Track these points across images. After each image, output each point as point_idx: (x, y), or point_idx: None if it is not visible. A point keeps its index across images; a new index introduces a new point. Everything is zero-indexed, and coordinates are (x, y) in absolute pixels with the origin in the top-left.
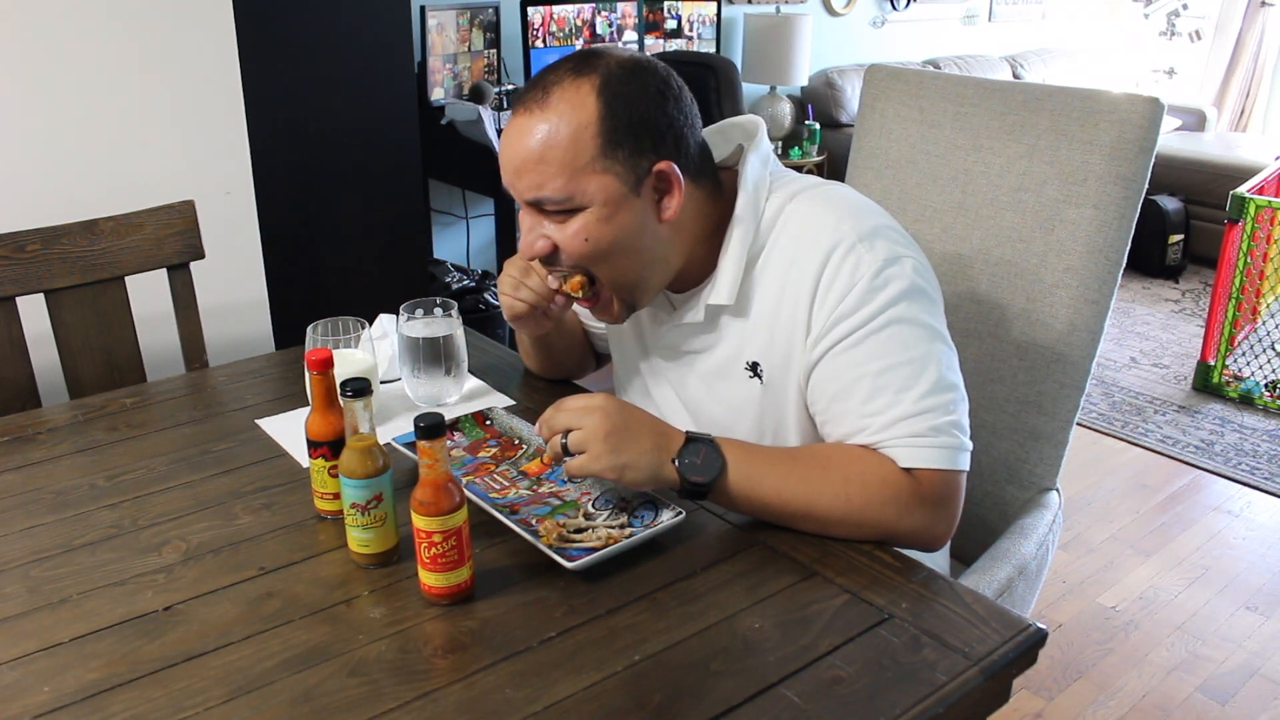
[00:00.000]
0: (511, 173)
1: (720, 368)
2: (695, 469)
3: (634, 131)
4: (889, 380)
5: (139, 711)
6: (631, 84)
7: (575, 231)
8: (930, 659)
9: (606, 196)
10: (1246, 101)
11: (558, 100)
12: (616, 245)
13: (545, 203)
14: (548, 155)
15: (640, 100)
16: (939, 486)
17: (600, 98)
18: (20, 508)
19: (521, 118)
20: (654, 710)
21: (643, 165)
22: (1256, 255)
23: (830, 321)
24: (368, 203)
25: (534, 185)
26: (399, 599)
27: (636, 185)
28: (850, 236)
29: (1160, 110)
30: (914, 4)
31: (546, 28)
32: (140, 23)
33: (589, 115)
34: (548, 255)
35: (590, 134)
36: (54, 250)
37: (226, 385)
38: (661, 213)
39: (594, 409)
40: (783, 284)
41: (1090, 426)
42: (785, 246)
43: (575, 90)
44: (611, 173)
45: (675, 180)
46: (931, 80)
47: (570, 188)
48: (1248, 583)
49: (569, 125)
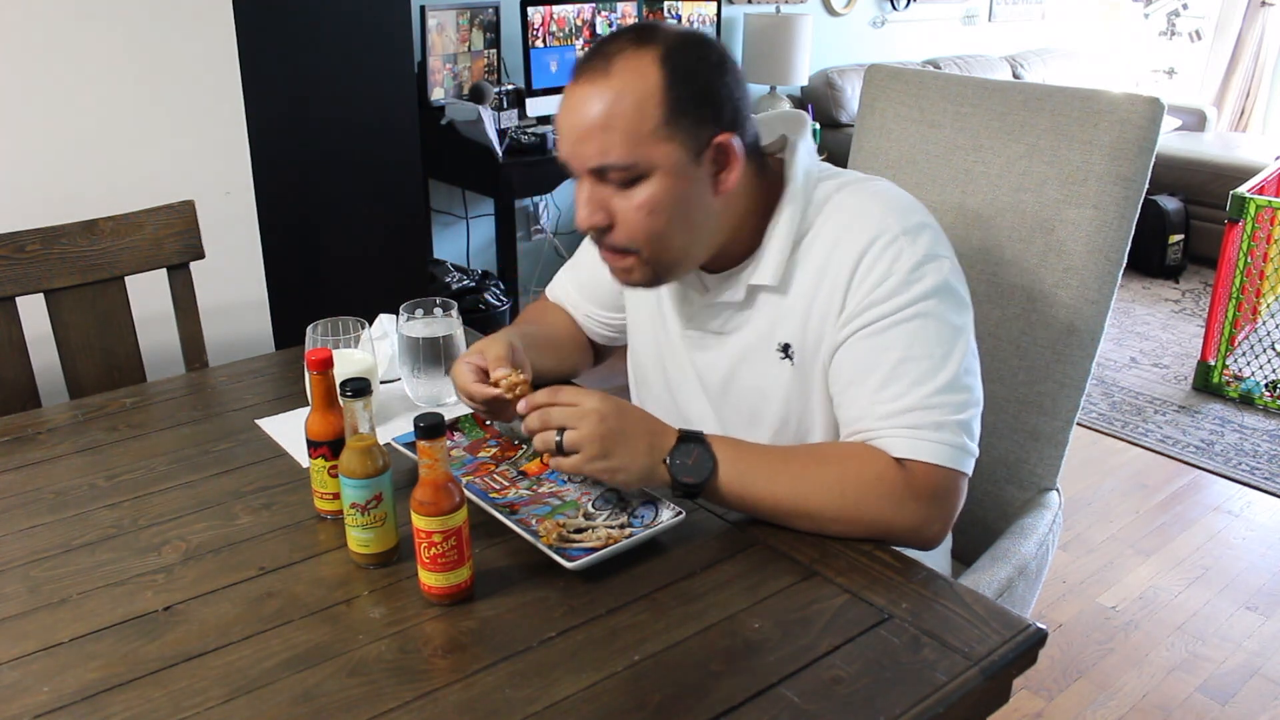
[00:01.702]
0: (573, 141)
1: (752, 349)
2: (686, 470)
3: (696, 102)
4: (905, 370)
5: (139, 711)
6: (692, 55)
7: (640, 203)
8: (930, 659)
9: (670, 165)
10: (1246, 101)
11: (620, 69)
12: (674, 216)
13: (609, 170)
14: (612, 122)
15: (702, 71)
16: (934, 482)
17: (663, 67)
18: (20, 508)
19: (583, 86)
20: (654, 710)
21: (703, 136)
22: (1256, 255)
23: (862, 305)
24: (368, 203)
25: (598, 152)
26: (399, 599)
27: (697, 156)
28: (894, 228)
29: (1160, 110)
30: (914, 4)
31: (546, 28)
32: (140, 23)
33: (653, 84)
34: (603, 229)
35: (654, 102)
36: (54, 250)
37: (226, 385)
38: (718, 185)
39: (589, 412)
40: (823, 268)
41: (1090, 426)
42: (830, 233)
43: (638, 59)
44: (675, 141)
45: (734, 154)
46: (931, 80)
47: (635, 155)
48: (1248, 583)
49: (633, 93)
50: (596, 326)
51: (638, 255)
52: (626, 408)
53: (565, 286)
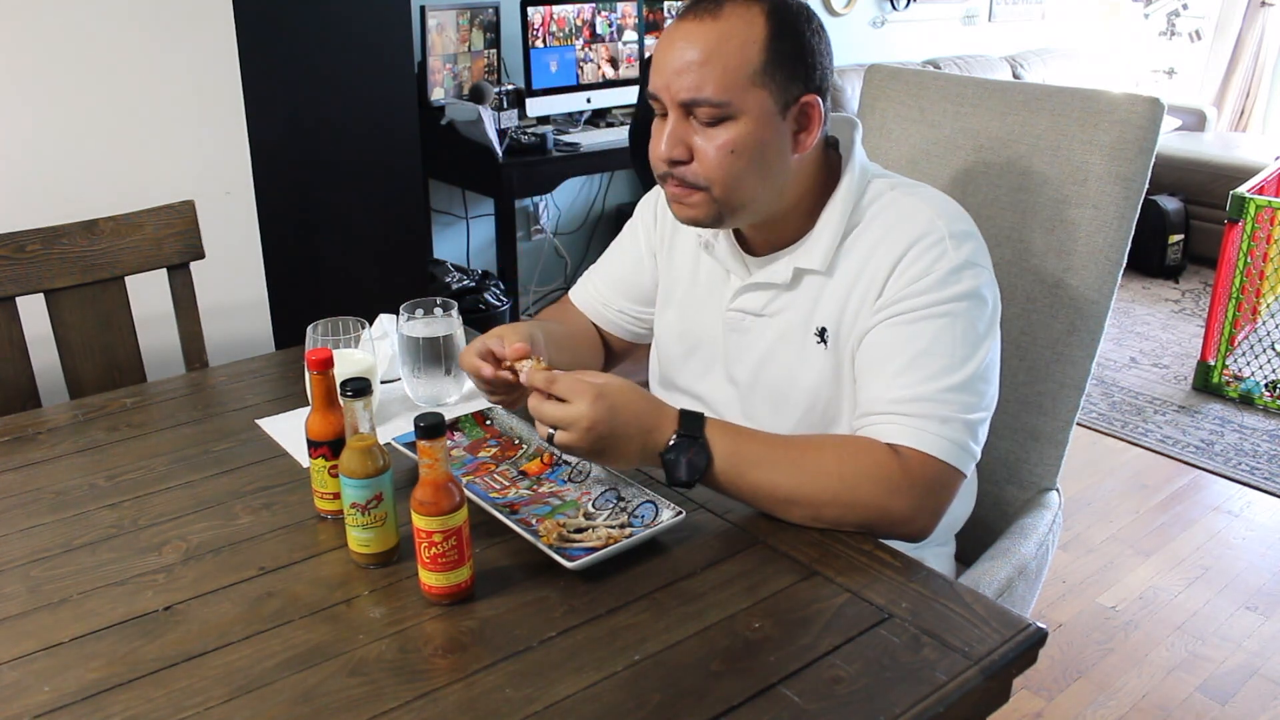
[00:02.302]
0: (671, 72)
1: (789, 332)
2: (680, 466)
3: (794, 58)
4: (924, 363)
5: (139, 711)
6: (798, 15)
7: (723, 143)
8: (930, 659)
9: (760, 111)
10: (1246, 101)
11: (730, 13)
12: (752, 161)
13: (701, 104)
14: (713, 59)
15: (804, 31)
16: (930, 473)
17: (770, 20)
18: (20, 508)
19: (690, 23)
20: (654, 710)
21: (793, 92)
22: (1256, 255)
23: (897, 295)
24: (368, 203)
25: (694, 86)
26: (399, 599)
27: (784, 109)
28: (942, 230)
29: (1160, 110)
30: (914, 4)
31: (546, 28)
32: (140, 23)
33: (759, 32)
34: (680, 161)
35: (757, 49)
36: (54, 250)
37: (226, 385)
38: (797, 144)
39: (578, 419)
40: (867, 258)
41: (1090, 426)
42: (879, 227)
43: (747, 8)
44: (767, 90)
45: (817, 116)
46: (931, 80)
47: (730, 93)
48: (1248, 583)
49: (739, 36)
50: (625, 321)
51: (708, 192)
52: (619, 407)
53: (595, 285)
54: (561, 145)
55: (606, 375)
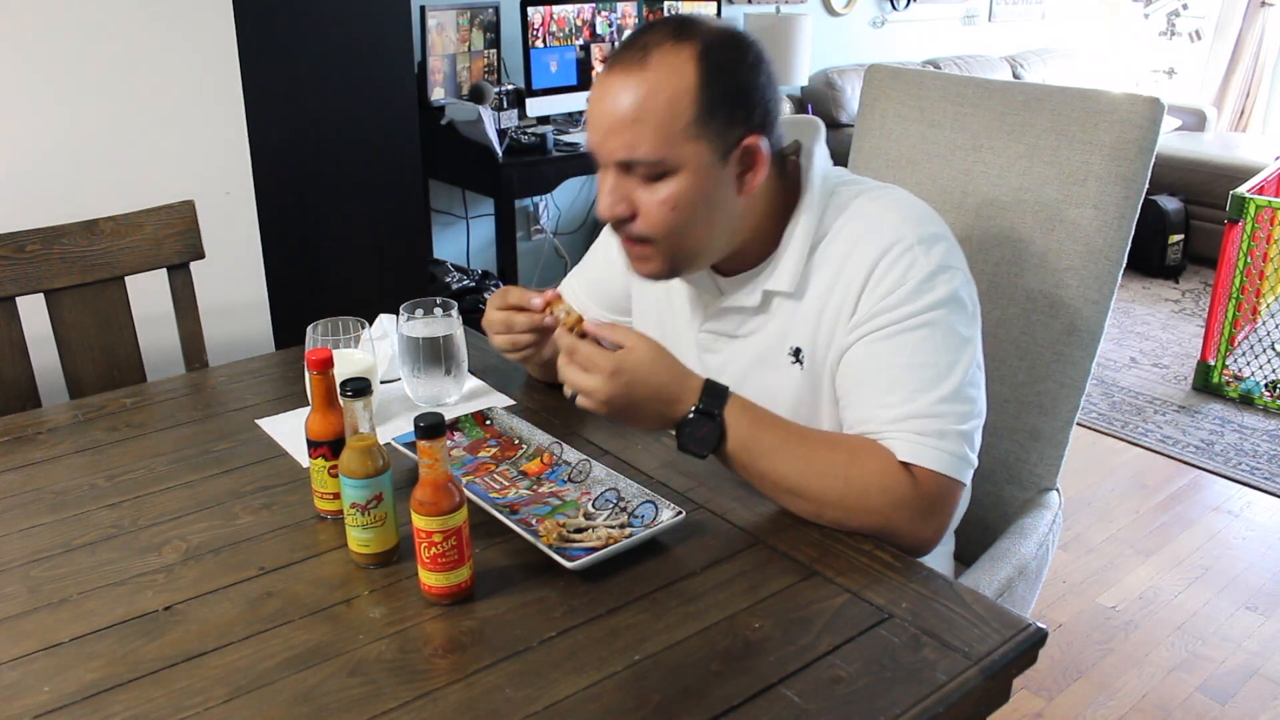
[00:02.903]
0: (603, 131)
1: (763, 353)
2: (694, 439)
3: (729, 102)
4: (910, 377)
5: (139, 711)
6: (730, 53)
7: (664, 199)
8: (930, 659)
9: (697, 163)
10: (1246, 101)
11: (657, 62)
12: (697, 212)
13: (636, 164)
14: (644, 116)
15: (738, 71)
16: (933, 487)
17: (700, 64)
18: (20, 508)
19: (618, 77)
20: (654, 710)
21: (733, 136)
22: (1256, 255)
23: (873, 310)
24: (368, 203)
25: (627, 146)
26: (399, 599)
27: (725, 156)
28: (910, 237)
29: (1160, 110)
30: (914, 4)
31: (546, 28)
32: (140, 23)
33: (688, 81)
34: (624, 219)
35: (688, 100)
36: (54, 250)
37: (226, 385)
38: (743, 186)
39: (597, 389)
40: (838, 273)
41: (1090, 426)
42: (846, 239)
43: (675, 54)
44: (704, 140)
45: (761, 156)
46: (931, 80)
47: (664, 151)
48: (1248, 583)
49: (668, 88)
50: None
51: (656, 246)
52: (638, 380)
53: (574, 288)
54: (561, 145)
55: (635, 338)
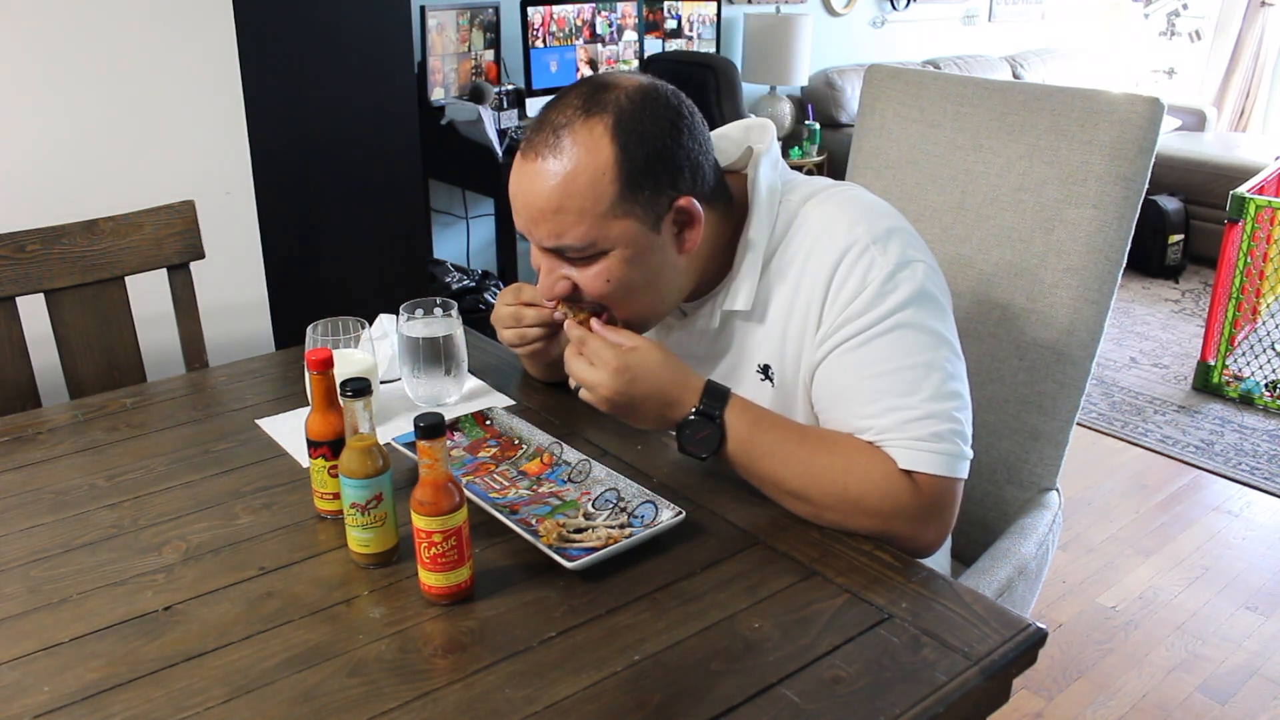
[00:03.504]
0: (528, 220)
1: (732, 372)
2: (693, 442)
3: (652, 170)
4: (892, 384)
5: (139, 711)
6: (645, 119)
7: (597, 273)
8: (930, 659)
9: (630, 238)
10: (1246, 101)
11: (570, 145)
12: (636, 283)
13: (566, 250)
14: (566, 204)
15: (655, 136)
16: (936, 492)
17: (615, 139)
18: (20, 508)
19: (533, 163)
20: (654, 710)
21: (662, 202)
22: (1256, 255)
23: (839, 321)
24: (368, 203)
25: (553, 234)
26: (399, 599)
27: (657, 223)
28: (864, 239)
29: (1160, 110)
30: (914, 4)
31: (546, 28)
32: (140, 23)
33: (605, 159)
34: (568, 296)
35: (609, 179)
36: (54, 250)
37: (226, 385)
38: (681, 245)
39: (599, 385)
40: (796, 286)
41: (1090, 426)
42: (799, 249)
43: (588, 133)
44: (632, 215)
45: (695, 214)
46: (931, 80)
47: (591, 234)
48: (1248, 583)
49: (586, 171)
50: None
51: (607, 311)
52: (641, 378)
53: None
54: None
55: (638, 340)
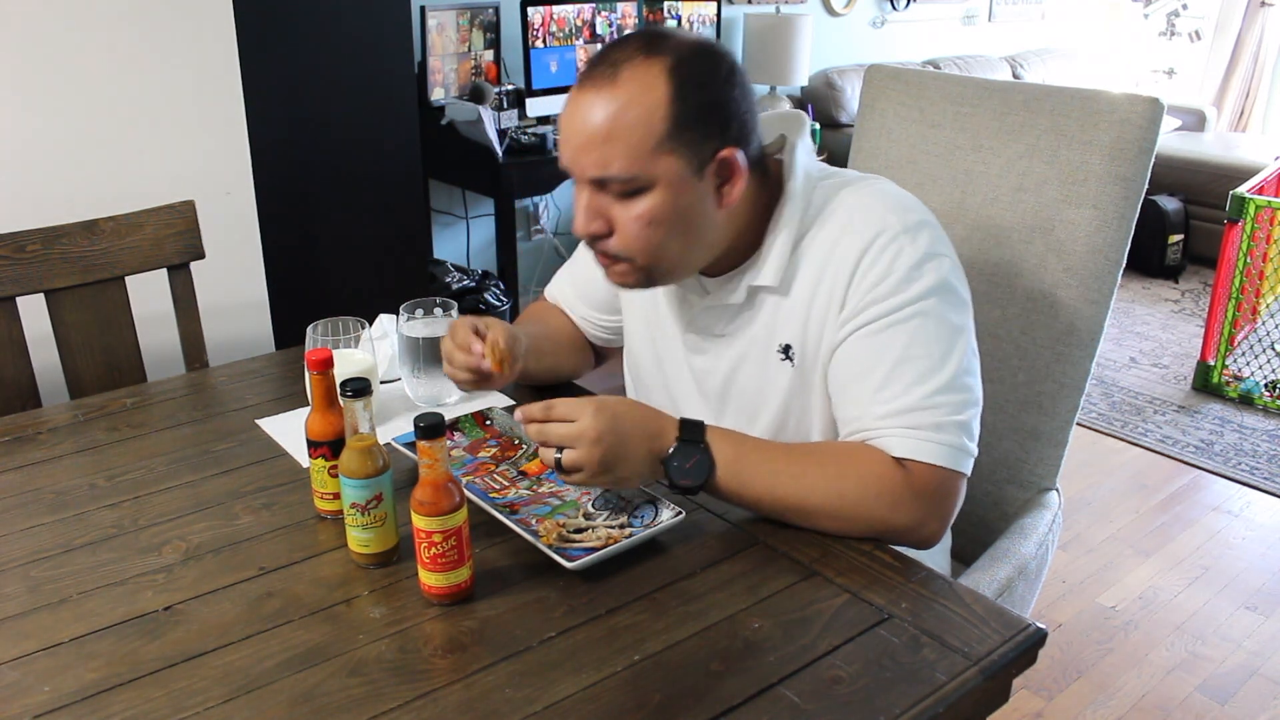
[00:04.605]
0: (574, 149)
1: (752, 350)
2: (684, 473)
3: (703, 116)
4: (904, 370)
5: (139, 711)
6: (702, 67)
7: (639, 214)
8: (930, 659)
9: (672, 178)
10: (1246, 101)
11: (628, 79)
12: (674, 228)
13: (609, 182)
14: (615, 134)
15: (710, 85)
16: (933, 482)
17: (671, 79)
18: (20, 508)
19: (588, 94)
20: (654, 710)
21: (708, 150)
22: (1256, 255)
23: (862, 304)
24: (368, 203)
25: (599, 164)
26: (399, 599)
27: (700, 170)
28: (895, 226)
29: (1160, 110)
30: (914, 4)
31: (546, 28)
32: (140, 23)
33: (660, 96)
34: (600, 236)
35: (660, 115)
36: (54, 250)
37: (226, 385)
38: (721, 199)
39: (584, 432)
40: (823, 267)
41: (1090, 426)
42: (830, 232)
43: (646, 70)
44: (678, 155)
45: (738, 168)
46: (931, 80)
47: (637, 168)
48: (1247, 583)
49: (639, 105)
50: (592, 329)
51: (631, 262)
52: (622, 415)
53: (563, 288)
54: None
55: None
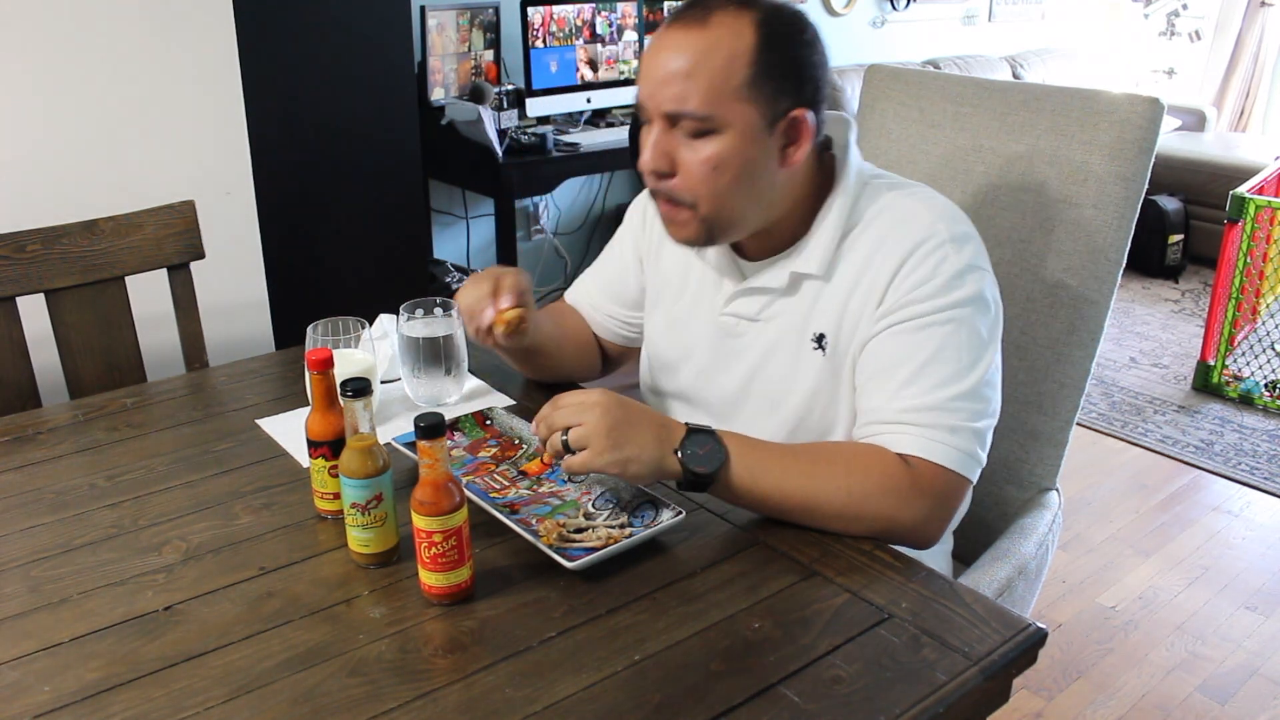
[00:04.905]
0: (655, 82)
1: (785, 337)
2: (699, 460)
3: (783, 71)
4: (930, 371)
5: (139, 711)
6: (790, 26)
7: (706, 157)
8: (930, 659)
9: (744, 126)
10: (1246, 101)
11: (718, 23)
12: (737, 177)
13: (683, 118)
14: (697, 72)
15: (795, 44)
16: (940, 483)
17: (760, 31)
18: (20, 508)
19: (677, 32)
20: (654, 710)
21: (781, 106)
22: (1256, 255)
23: (900, 302)
24: (368, 203)
25: (677, 98)
26: (399, 599)
27: (771, 124)
28: (944, 234)
29: (1160, 110)
30: (914, 4)
31: (546, 28)
32: (140, 23)
33: (746, 44)
34: (664, 174)
35: (744, 62)
36: (54, 250)
37: (226, 385)
38: (785, 158)
39: (593, 404)
40: (867, 262)
41: (1090, 426)
42: (878, 230)
43: (736, 18)
44: (754, 104)
45: (807, 130)
46: (931, 80)
47: (712, 108)
48: (1247, 583)
49: (725, 48)
50: (615, 325)
51: (694, 210)
52: (630, 401)
53: (587, 288)
54: (561, 145)
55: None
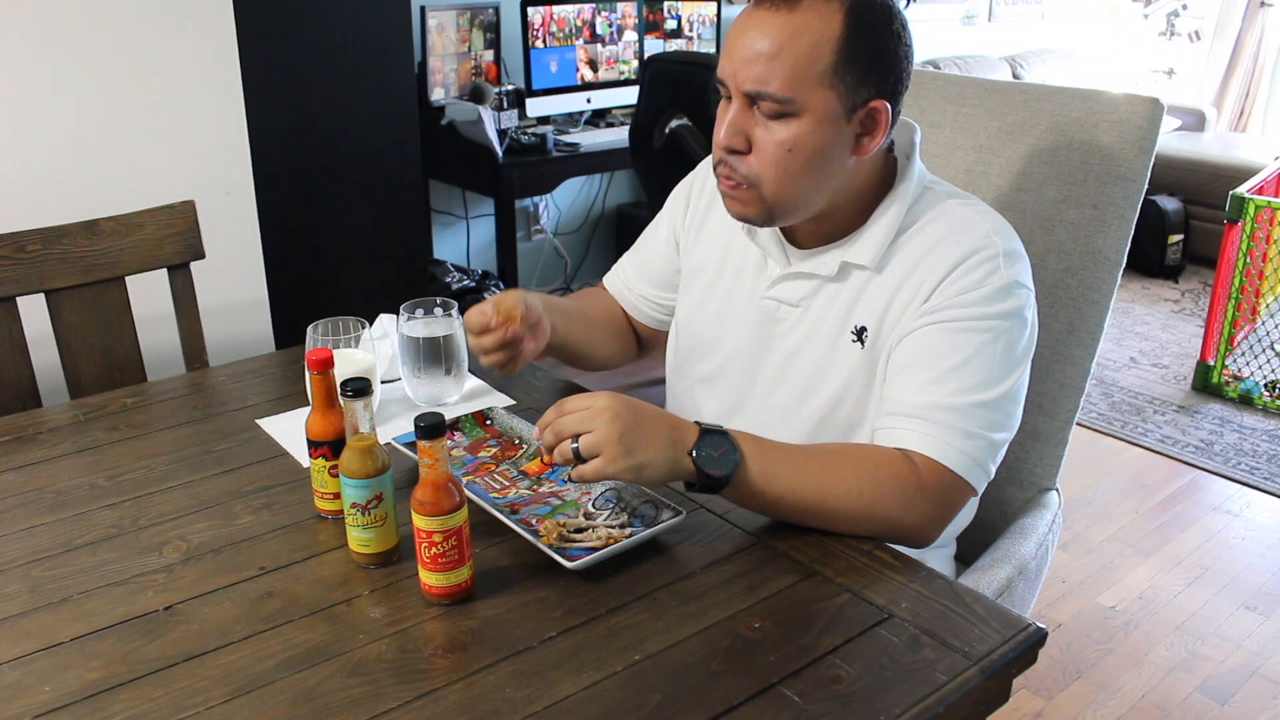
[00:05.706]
0: (739, 60)
1: (826, 326)
2: (713, 462)
3: (867, 61)
4: (960, 375)
5: (139, 711)
6: (878, 16)
7: (781, 139)
8: (930, 658)
9: (823, 112)
10: (1246, 102)
11: (807, 8)
12: (809, 161)
13: (765, 98)
14: (783, 53)
15: (881, 35)
16: (944, 485)
17: (848, 19)
18: (20, 508)
19: (766, 13)
20: (654, 710)
21: (862, 95)
22: (1256, 255)
23: (946, 302)
24: (368, 203)
25: (759, 79)
26: (399, 599)
27: (849, 113)
28: (998, 247)
29: (1160, 110)
30: (914, 4)
31: (546, 28)
32: (140, 23)
33: (833, 30)
34: (736, 151)
35: (830, 48)
36: (54, 250)
37: (226, 385)
38: (858, 148)
39: (601, 409)
40: (918, 262)
41: (1090, 426)
42: (934, 232)
43: (826, 4)
44: (835, 91)
45: (884, 121)
46: (931, 80)
47: (794, 90)
48: (1247, 583)
49: (813, 33)
50: (646, 306)
51: (757, 189)
52: (638, 403)
53: (623, 270)
54: (561, 145)
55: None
